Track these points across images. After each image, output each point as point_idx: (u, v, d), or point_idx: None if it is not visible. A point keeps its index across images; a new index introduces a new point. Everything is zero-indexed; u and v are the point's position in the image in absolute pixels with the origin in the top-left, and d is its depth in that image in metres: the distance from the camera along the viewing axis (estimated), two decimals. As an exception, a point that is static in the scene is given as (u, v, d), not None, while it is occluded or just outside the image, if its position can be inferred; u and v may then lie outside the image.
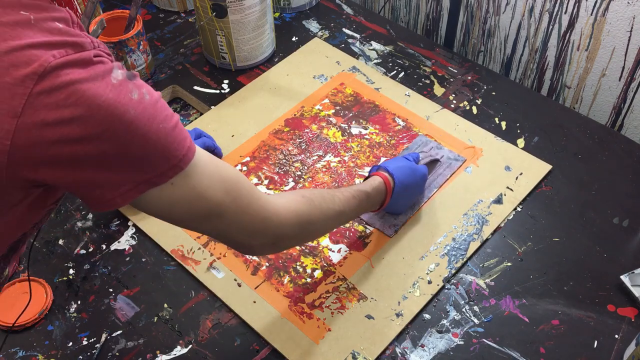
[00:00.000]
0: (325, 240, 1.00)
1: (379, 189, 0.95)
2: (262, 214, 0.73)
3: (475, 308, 0.93)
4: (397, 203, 0.99)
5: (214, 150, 1.11)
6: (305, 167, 1.10)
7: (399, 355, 0.89)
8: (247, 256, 0.99)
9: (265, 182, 1.09)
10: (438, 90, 1.23)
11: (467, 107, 1.20)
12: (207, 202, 0.68)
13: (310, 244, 1.00)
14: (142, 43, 1.22)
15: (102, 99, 0.56)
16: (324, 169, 1.10)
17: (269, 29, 1.27)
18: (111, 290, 0.96)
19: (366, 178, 0.98)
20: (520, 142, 1.14)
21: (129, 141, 0.59)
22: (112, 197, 0.62)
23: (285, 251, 0.99)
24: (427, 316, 0.92)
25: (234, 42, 1.23)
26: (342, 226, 1.01)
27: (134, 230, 1.03)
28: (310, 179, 1.09)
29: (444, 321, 0.92)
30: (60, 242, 1.02)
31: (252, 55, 1.27)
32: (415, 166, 1.01)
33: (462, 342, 0.90)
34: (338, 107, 1.20)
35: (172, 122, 0.63)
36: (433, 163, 1.09)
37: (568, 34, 1.21)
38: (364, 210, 0.94)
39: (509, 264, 0.98)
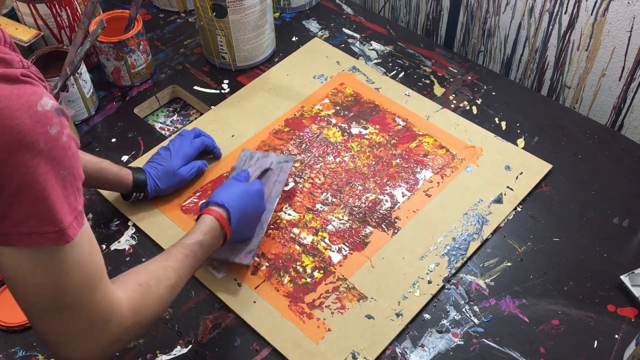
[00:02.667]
0: (325, 240, 1.00)
1: (213, 229, 0.87)
2: (105, 316, 0.65)
3: (475, 308, 0.93)
4: (240, 231, 0.93)
5: (213, 150, 1.11)
6: (306, 167, 1.10)
7: (399, 355, 0.89)
8: (247, 256, 0.99)
9: (265, 182, 1.09)
10: (438, 90, 1.23)
11: (467, 107, 1.20)
12: (60, 293, 0.59)
13: (310, 243, 1.00)
14: (142, 43, 1.22)
15: (15, 122, 0.51)
16: (324, 169, 1.10)
17: (269, 29, 1.27)
18: (111, 290, 0.96)
19: (198, 217, 0.90)
20: (520, 142, 1.14)
21: (21, 175, 0.52)
22: None
23: (285, 251, 0.99)
24: (427, 316, 0.92)
25: (234, 42, 1.23)
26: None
27: (134, 230, 1.03)
28: (310, 179, 1.09)
29: (444, 321, 0.92)
30: (60, 242, 1.02)
31: (252, 55, 1.27)
32: (246, 186, 0.94)
33: (462, 342, 0.90)
34: (338, 107, 1.20)
35: (76, 181, 0.57)
36: (265, 173, 1.04)
37: (568, 34, 1.21)
38: (203, 258, 0.86)
39: (509, 264, 0.98)
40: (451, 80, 1.25)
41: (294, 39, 1.35)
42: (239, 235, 0.94)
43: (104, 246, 1.01)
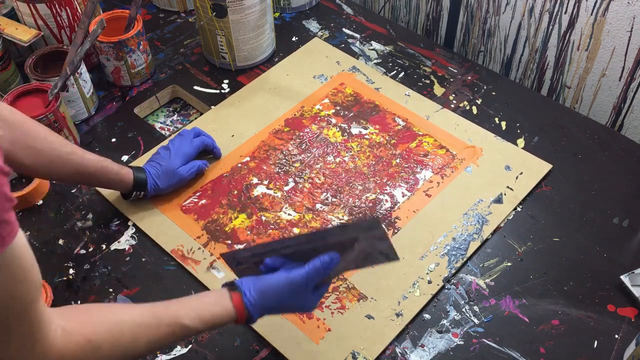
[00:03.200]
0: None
1: (226, 319, 0.76)
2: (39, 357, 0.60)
3: (475, 308, 0.93)
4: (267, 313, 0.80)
5: (213, 150, 1.11)
6: (306, 167, 1.10)
7: (399, 355, 0.89)
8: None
9: (265, 182, 1.09)
10: (438, 90, 1.23)
11: (467, 107, 1.20)
12: None
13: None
14: (142, 43, 1.22)
15: None
16: (324, 169, 1.10)
17: (269, 29, 1.27)
18: (111, 290, 0.96)
19: (225, 285, 0.79)
20: (520, 142, 1.14)
21: None
22: None
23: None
24: (427, 316, 0.92)
25: (234, 42, 1.23)
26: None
27: (134, 230, 1.03)
28: (310, 179, 1.09)
29: (444, 321, 0.92)
30: (60, 242, 1.02)
31: (252, 55, 1.27)
32: (291, 281, 0.77)
33: (462, 342, 0.90)
34: (338, 107, 1.20)
35: (4, 194, 0.51)
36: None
37: (568, 34, 1.21)
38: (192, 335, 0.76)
39: (509, 264, 0.98)
40: (451, 80, 1.25)
41: (294, 39, 1.35)
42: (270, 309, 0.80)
43: (103, 246, 1.01)
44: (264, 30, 1.25)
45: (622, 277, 0.94)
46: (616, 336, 0.90)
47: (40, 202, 1.07)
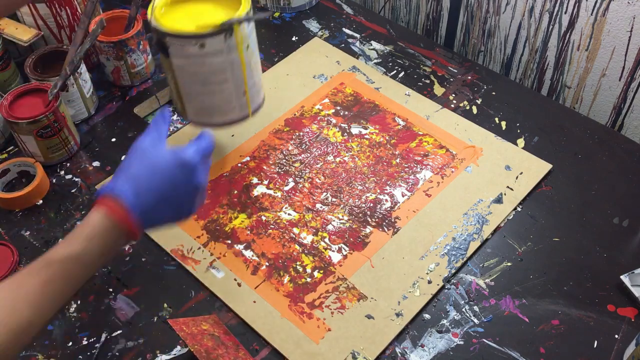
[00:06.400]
0: (325, 240, 1.00)
1: (104, 231, 0.66)
2: None
3: (475, 308, 0.93)
4: (163, 217, 0.71)
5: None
6: (306, 167, 1.10)
7: (399, 355, 0.89)
8: (247, 255, 0.99)
9: (265, 182, 1.09)
10: (438, 90, 1.23)
11: (467, 107, 1.20)
12: None
13: (310, 243, 1.00)
14: (142, 43, 1.22)
15: None
16: (324, 169, 1.10)
17: (234, 89, 0.97)
18: (111, 289, 0.96)
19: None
20: (520, 142, 1.14)
21: None
22: None
23: (285, 251, 0.99)
24: (427, 316, 0.92)
25: (181, 92, 0.99)
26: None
27: (134, 230, 1.03)
28: (310, 179, 1.09)
29: (444, 321, 0.92)
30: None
31: (207, 113, 1.00)
32: (159, 158, 0.69)
33: (462, 342, 0.90)
34: (338, 107, 1.20)
35: None
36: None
37: (568, 34, 1.21)
38: (91, 270, 0.67)
39: (509, 264, 0.98)
40: (451, 80, 1.25)
41: (294, 39, 1.35)
42: (167, 219, 0.72)
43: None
44: (222, 89, 0.97)
45: (622, 277, 0.94)
46: (616, 336, 0.90)
47: (40, 202, 1.07)
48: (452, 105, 1.20)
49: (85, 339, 0.91)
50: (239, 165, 1.11)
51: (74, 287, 0.66)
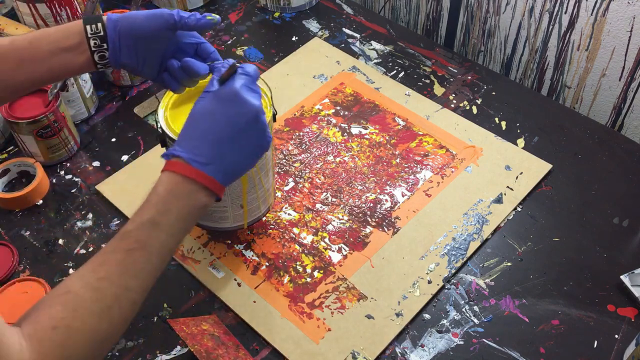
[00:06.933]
0: (325, 240, 1.00)
1: (176, 191, 0.63)
2: None
3: (475, 308, 0.93)
4: (234, 168, 0.67)
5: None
6: (305, 167, 1.10)
7: (399, 355, 0.89)
8: (247, 255, 0.99)
9: (265, 182, 1.09)
10: (438, 90, 1.23)
11: (467, 107, 1.20)
12: None
13: (310, 243, 1.00)
14: (142, 43, 1.22)
15: None
16: (324, 169, 1.10)
17: (229, 201, 0.90)
18: (111, 290, 0.96)
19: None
20: (520, 142, 1.14)
21: None
22: None
23: (285, 251, 0.99)
24: (427, 316, 0.92)
25: None
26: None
27: (134, 230, 1.03)
28: (310, 179, 1.09)
29: (444, 321, 0.92)
30: (60, 242, 1.02)
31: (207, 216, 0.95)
32: (212, 96, 0.67)
33: (462, 342, 0.90)
34: (338, 107, 1.20)
35: None
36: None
37: (568, 34, 1.21)
38: (176, 236, 0.65)
39: (509, 264, 0.98)
40: (451, 80, 1.25)
41: (294, 39, 1.35)
42: (239, 157, 0.68)
43: (103, 246, 1.01)
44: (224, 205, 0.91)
45: (622, 277, 0.94)
46: (616, 336, 0.90)
47: (40, 202, 1.07)
48: (452, 105, 1.20)
49: (85, 339, 0.91)
50: (239, 165, 1.11)
51: (160, 255, 0.62)
